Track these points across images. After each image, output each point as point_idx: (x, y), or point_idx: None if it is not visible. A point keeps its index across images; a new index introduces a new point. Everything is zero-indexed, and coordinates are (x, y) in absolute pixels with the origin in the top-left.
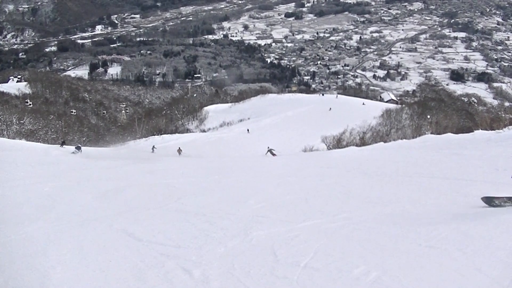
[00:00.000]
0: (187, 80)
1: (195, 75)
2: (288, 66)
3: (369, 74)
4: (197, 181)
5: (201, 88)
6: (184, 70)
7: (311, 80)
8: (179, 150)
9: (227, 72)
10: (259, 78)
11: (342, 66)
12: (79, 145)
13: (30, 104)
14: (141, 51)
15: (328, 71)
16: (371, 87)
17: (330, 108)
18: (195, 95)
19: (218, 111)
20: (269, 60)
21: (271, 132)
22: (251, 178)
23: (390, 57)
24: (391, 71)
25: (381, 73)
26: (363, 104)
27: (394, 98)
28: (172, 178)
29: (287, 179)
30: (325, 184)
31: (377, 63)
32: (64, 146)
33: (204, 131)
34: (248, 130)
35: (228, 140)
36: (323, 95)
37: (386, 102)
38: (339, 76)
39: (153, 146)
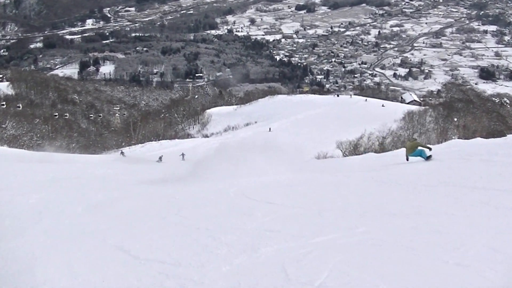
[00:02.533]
0: (187, 80)
1: (196, 75)
2: (299, 64)
3: (389, 73)
4: (197, 192)
5: (203, 89)
6: (184, 69)
7: (325, 80)
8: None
9: (231, 71)
10: (267, 78)
11: (359, 64)
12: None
13: (19, 107)
14: (137, 48)
15: (343, 69)
16: (391, 87)
17: (383, 105)
18: (196, 96)
19: (222, 114)
20: (278, 58)
21: (279, 135)
22: (257, 187)
23: (412, 54)
24: (414, 69)
25: (402, 71)
26: (383, 105)
27: (417, 99)
28: (171, 189)
29: (298, 189)
30: (341, 194)
31: (398, 61)
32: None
33: (206, 136)
34: (270, 129)
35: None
36: (338, 96)
37: (408, 103)
38: (355, 75)
39: (160, 157)
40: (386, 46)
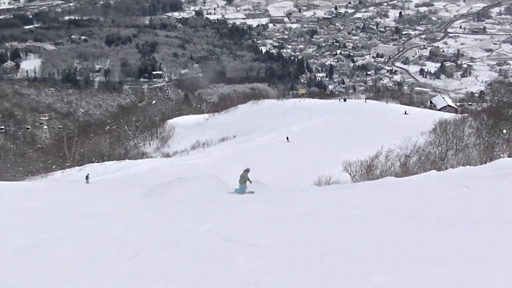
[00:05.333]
0: (142, 79)
1: (153, 73)
2: (292, 58)
3: (413, 69)
4: (158, 231)
5: (163, 92)
6: (137, 64)
7: (327, 79)
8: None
9: (201, 67)
10: (249, 77)
11: (374, 57)
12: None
13: (2, 129)
14: (72, 37)
15: (352, 64)
16: (417, 88)
17: (406, 112)
18: (154, 101)
19: (188, 126)
20: (264, 49)
21: (268, 157)
22: (239, 224)
23: (445, 43)
24: (447, 64)
25: (431, 66)
26: (406, 113)
27: (452, 104)
28: (121, 226)
29: (293, 226)
30: (349, 233)
31: (426, 52)
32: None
33: (168, 155)
34: (287, 138)
35: (206, 168)
36: (345, 100)
37: (440, 109)
38: (368, 72)
39: (87, 176)
40: (410, 32)
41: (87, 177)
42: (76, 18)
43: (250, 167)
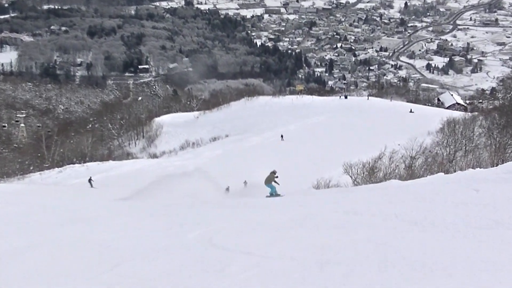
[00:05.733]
0: (127, 74)
1: (140, 67)
2: (289, 51)
3: (420, 64)
4: (144, 237)
5: (150, 87)
6: (122, 58)
7: (327, 74)
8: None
9: (191, 61)
10: (243, 71)
11: (377, 51)
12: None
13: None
14: (51, 27)
15: (354, 59)
16: (424, 85)
17: (411, 110)
18: (140, 98)
19: (177, 125)
20: (259, 42)
21: (263, 158)
22: (232, 230)
23: (454, 36)
24: (456, 59)
25: (439, 61)
26: (411, 111)
27: (461, 102)
28: (105, 232)
29: (290, 232)
30: (350, 240)
31: (434, 46)
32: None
33: (155, 156)
34: (282, 136)
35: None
36: (345, 97)
37: (448, 107)
38: (371, 68)
39: (90, 179)
40: (416, 24)
41: (90, 180)
42: (56, 7)
43: (244, 168)
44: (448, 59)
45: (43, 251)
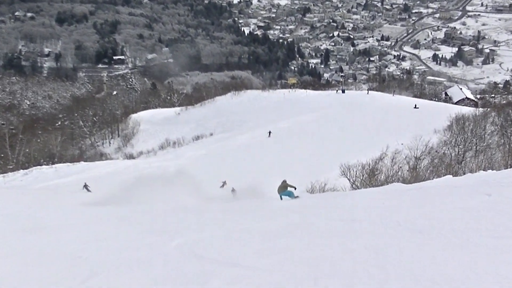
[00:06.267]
0: (100, 66)
1: (115, 57)
2: (281, 40)
3: (425, 54)
4: (119, 247)
5: (126, 80)
6: (95, 48)
7: (323, 66)
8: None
9: (172, 51)
10: (229, 63)
11: (378, 41)
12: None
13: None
14: (16, 13)
15: (352, 49)
16: (430, 77)
17: (416, 106)
18: (115, 92)
19: (156, 122)
20: (247, 31)
21: (252, 158)
22: (216, 239)
23: (463, 24)
24: (466, 49)
25: (447, 51)
26: (416, 107)
27: (471, 96)
28: (75, 242)
29: (280, 241)
30: (348, 251)
31: (441, 34)
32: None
33: (132, 157)
34: (270, 133)
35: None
36: (343, 91)
37: (457, 103)
38: (372, 58)
39: (85, 184)
40: (422, 11)
41: (85, 186)
42: None
43: (230, 170)
44: (456, 49)
45: (6, 263)
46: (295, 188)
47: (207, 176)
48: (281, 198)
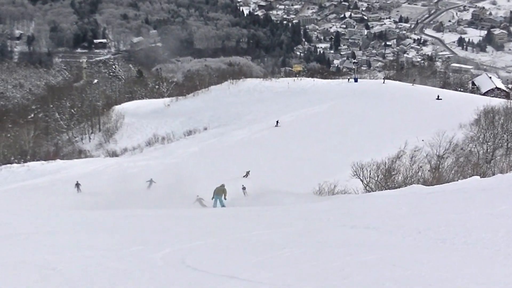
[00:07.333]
0: (79, 50)
1: (95, 41)
2: (285, 22)
3: (450, 38)
4: (98, 257)
5: (108, 67)
6: (72, 30)
7: (332, 51)
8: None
9: (160, 34)
10: (226, 48)
11: (395, 22)
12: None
13: None
14: None
15: (366, 32)
16: (455, 65)
17: (439, 96)
18: (96, 81)
19: (143, 115)
20: (246, 11)
21: (250, 157)
22: (210, 248)
23: (493, 3)
24: (496, 32)
25: (474, 35)
26: (438, 98)
27: (502, 86)
28: (49, 251)
29: (283, 252)
30: (360, 263)
31: (467, 15)
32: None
33: (115, 154)
34: (277, 122)
35: (166, 171)
36: (355, 80)
37: (485, 93)
38: (388, 43)
39: (77, 183)
40: None
41: (77, 184)
42: None
43: (226, 170)
44: (485, 32)
45: None
46: (225, 199)
47: (200, 176)
48: (214, 200)
